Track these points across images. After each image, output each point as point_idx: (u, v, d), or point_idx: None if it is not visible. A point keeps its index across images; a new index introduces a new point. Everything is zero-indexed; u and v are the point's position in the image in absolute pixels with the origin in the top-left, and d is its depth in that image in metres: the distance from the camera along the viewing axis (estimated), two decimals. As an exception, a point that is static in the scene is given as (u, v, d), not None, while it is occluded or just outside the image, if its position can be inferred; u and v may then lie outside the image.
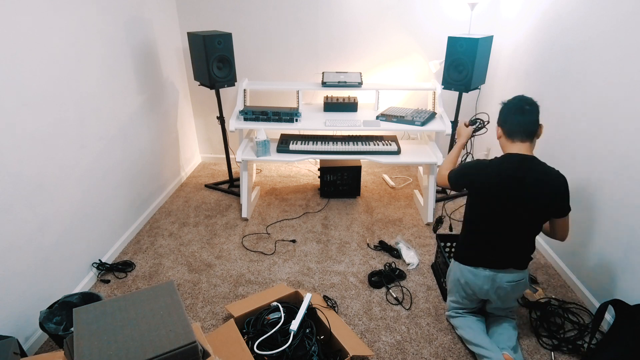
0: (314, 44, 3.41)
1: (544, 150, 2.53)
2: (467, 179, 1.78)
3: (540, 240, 2.56)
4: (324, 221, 2.92)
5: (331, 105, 3.11)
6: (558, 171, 1.64)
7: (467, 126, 2.11)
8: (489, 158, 1.77)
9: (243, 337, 1.68)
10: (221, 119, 3.15)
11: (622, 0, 1.86)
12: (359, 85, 2.99)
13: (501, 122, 1.76)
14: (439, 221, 2.70)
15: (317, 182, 3.54)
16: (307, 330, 1.73)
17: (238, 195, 3.28)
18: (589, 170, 2.10)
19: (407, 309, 2.09)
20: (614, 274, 1.91)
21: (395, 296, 2.18)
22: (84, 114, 2.17)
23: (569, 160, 2.27)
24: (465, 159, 2.24)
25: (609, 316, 1.94)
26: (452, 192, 3.31)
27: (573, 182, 2.23)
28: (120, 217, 2.56)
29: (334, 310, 2.05)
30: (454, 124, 2.98)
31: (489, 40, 2.69)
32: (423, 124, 2.75)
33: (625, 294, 1.84)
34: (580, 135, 2.17)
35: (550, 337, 1.90)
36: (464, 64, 2.65)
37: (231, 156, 3.97)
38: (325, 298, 2.11)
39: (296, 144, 2.82)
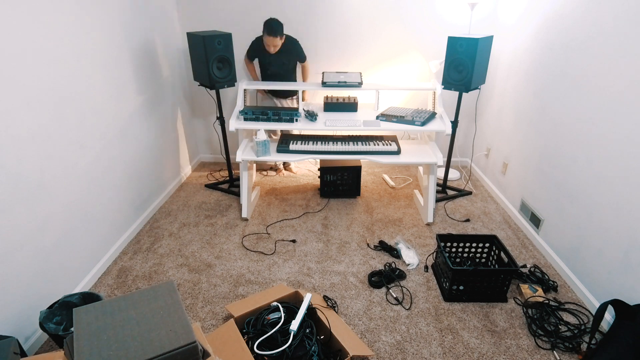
0: (314, 44, 3.41)
1: (543, 150, 2.53)
2: None
3: (540, 240, 2.56)
4: (324, 221, 2.92)
5: (331, 105, 3.11)
6: None
7: None
8: (489, 157, 1.77)
9: (243, 337, 1.68)
10: (221, 119, 3.15)
11: (622, 1, 1.86)
12: (359, 85, 2.99)
13: None
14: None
15: (317, 182, 3.54)
16: (307, 330, 1.73)
17: (238, 195, 3.28)
18: (589, 169, 2.10)
19: (407, 309, 2.09)
20: (614, 274, 1.91)
21: (395, 296, 2.18)
22: (84, 114, 2.17)
23: (568, 160, 2.28)
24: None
25: (609, 316, 1.94)
26: (452, 192, 3.31)
27: (573, 181, 2.23)
28: (120, 217, 2.56)
29: (334, 310, 2.05)
30: (454, 124, 2.98)
31: (489, 40, 2.69)
32: (423, 124, 2.75)
33: (625, 294, 1.84)
34: (579, 135, 2.17)
35: (549, 336, 1.90)
36: (464, 64, 2.65)
37: (231, 156, 3.98)
38: (325, 298, 2.11)
39: (296, 144, 2.82)
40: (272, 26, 2.77)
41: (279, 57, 3.04)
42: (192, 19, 3.36)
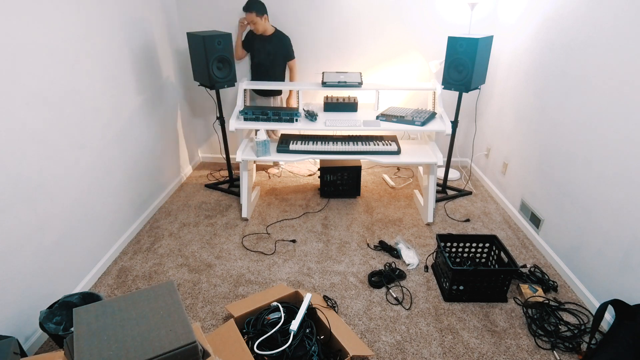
0: (314, 43, 3.41)
1: (543, 150, 2.53)
2: None
3: (540, 240, 2.56)
4: (324, 221, 2.92)
5: (331, 105, 3.11)
6: None
7: None
8: (489, 157, 1.77)
9: (243, 337, 1.68)
10: (221, 119, 3.15)
11: (622, 1, 1.86)
12: (359, 85, 2.99)
13: None
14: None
15: (317, 182, 3.54)
16: (307, 330, 1.73)
17: (238, 195, 3.28)
18: (589, 170, 2.10)
19: (407, 309, 2.09)
20: (614, 274, 1.91)
21: (395, 296, 2.18)
22: (84, 113, 2.17)
23: (568, 160, 2.28)
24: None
25: (609, 316, 1.94)
26: (452, 192, 3.30)
27: (573, 181, 2.23)
28: (120, 217, 2.56)
29: (334, 310, 2.05)
30: (454, 124, 2.98)
31: (489, 40, 2.69)
32: (423, 124, 2.75)
33: (625, 294, 1.84)
34: (579, 135, 2.17)
35: (549, 336, 1.90)
36: (464, 64, 2.65)
37: (231, 156, 3.98)
38: (325, 298, 2.11)
39: (296, 144, 2.82)
40: (247, 2, 2.95)
41: (265, 45, 3.14)
42: (192, 19, 3.36)
